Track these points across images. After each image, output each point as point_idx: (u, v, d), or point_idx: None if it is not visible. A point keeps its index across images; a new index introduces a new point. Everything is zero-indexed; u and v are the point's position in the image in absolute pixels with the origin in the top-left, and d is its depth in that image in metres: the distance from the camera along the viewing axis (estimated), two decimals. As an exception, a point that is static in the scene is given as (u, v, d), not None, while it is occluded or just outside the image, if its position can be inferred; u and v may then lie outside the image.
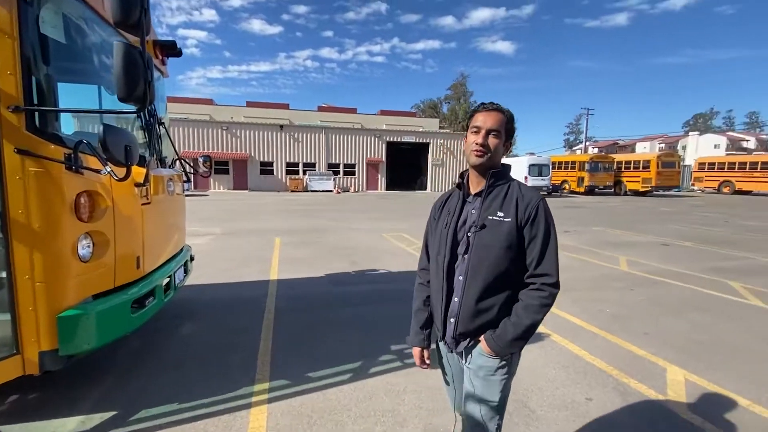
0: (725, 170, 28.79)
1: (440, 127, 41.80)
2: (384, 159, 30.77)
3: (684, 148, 65.39)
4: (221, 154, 26.88)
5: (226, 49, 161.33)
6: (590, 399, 2.63)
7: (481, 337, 1.41)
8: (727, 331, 3.81)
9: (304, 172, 28.77)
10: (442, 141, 31.76)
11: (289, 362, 3.08)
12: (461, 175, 1.51)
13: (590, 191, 26.38)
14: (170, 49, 3.20)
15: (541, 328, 3.80)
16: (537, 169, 23.31)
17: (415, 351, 1.61)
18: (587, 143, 52.40)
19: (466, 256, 1.41)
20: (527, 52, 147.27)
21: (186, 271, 3.52)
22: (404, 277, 5.59)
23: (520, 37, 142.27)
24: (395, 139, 30.97)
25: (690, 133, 73.30)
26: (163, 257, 3.05)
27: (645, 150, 70.64)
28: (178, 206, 3.54)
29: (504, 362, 1.41)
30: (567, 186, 27.30)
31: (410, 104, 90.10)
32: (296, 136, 28.90)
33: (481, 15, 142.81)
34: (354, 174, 30.25)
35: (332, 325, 3.83)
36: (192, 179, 20.15)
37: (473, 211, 1.43)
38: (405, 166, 36.34)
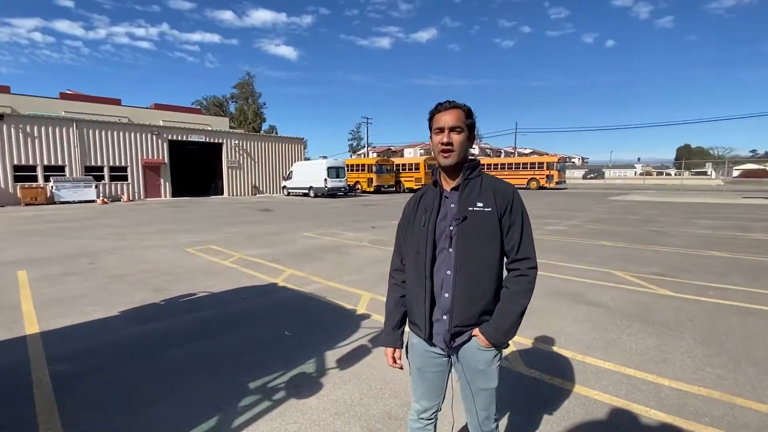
0: (466, 170, 37.90)
1: (231, 127, 39.00)
2: (167, 161, 26.35)
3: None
4: None
5: None
6: (459, 381, 2.83)
7: (476, 331, 1.43)
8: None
9: (47, 178, 21.66)
10: (237, 142, 29.60)
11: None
12: (434, 172, 1.52)
13: (378, 190, 29.84)
14: None
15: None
16: (335, 172, 24.66)
17: (388, 351, 1.58)
18: (368, 148, 59.28)
19: (450, 250, 1.42)
20: (310, 60, 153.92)
21: None
22: (236, 297, 4.83)
23: (303, 44, 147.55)
24: (180, 138, 26.96)
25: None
26: None
27: (411, 154, 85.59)
28: None
29: (498, 351, 1.48)
30: (360, 186, 30.05)
31: (189, 100, 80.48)
32: (28, 129, 21.39)
33: (262, 16, 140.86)
34: (126, 179, 24.72)
35: (155, 379, 2.89)
36: None
37: (452, 205, 1.45)
38: (195, 169, 32.27)
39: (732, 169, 47.01)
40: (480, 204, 1.41)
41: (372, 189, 29.20)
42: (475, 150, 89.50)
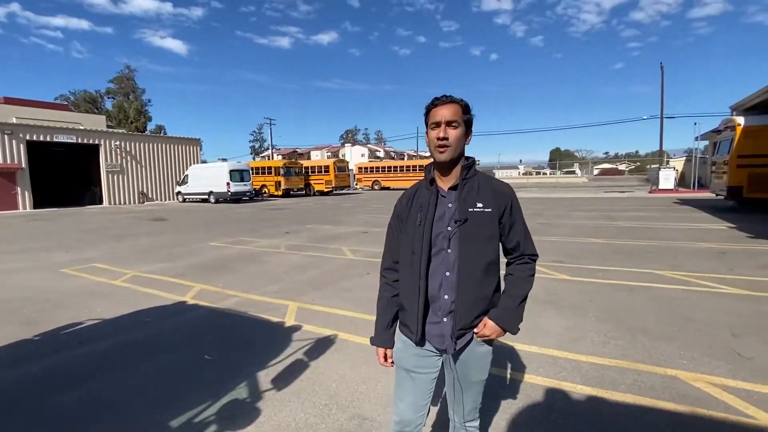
0: (374, 173, 38.68)
1: (108, 126, 34.02)
2: (25, 165, 21.87)
3: (343, 155, 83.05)
4: None
5: None
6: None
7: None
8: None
9: None
10: (118, 143, 25.82)
11: None
12: (428, 170, 1.49)
13: (286, 194, 28.79)
14: None
15: (326, 330, 3.73)
16: (238, 175, 23.11)
17: (379, 351, 1.55)
18: (272, 151, 56.90)
19: (449, 251, 1.39)
20: (202, 55, 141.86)
21: None
22: (135, 321, 4.13)
23: (194, 39, 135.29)
24: (42, 138, 22.62)
25: (345, 145, 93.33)
26: None
27: (318, 157, 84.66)
28: None
29: (491, 344, 1.49)
30: (266, 190, 28.63)
31: (51, 94, 68.26)
32: None
33: (142, 4, 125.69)
34: (-37, 189, 19.92)
35: (40, 435, 2.30)
36: None
37: (450, 205, 1.42)
38: (64, 175, 27.41)
39: (593, 168, 56.03)
40: (480, 204, 1.39)
41: (280, 192, 28.04)
42: (380, 153, 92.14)
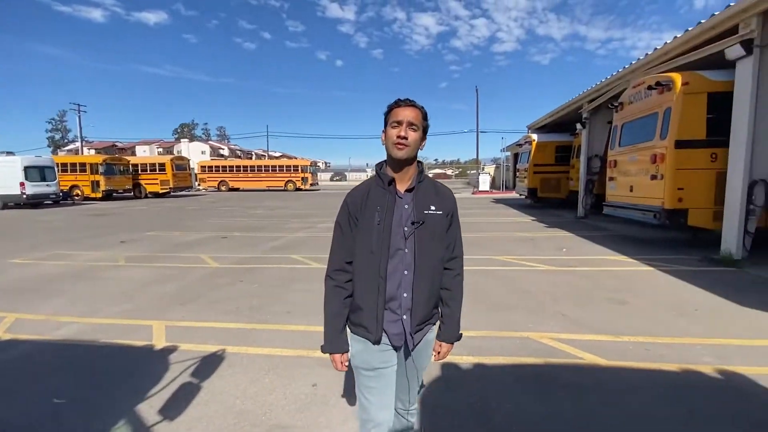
0: (221, 173, 35.58)
1: None
2: None
3: (179, 152, 73.41)
4: None
5: None
6: (315, 385, 2.77)
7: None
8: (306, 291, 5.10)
9: None
10: None
11: None
12: (380, 168, 1.53)
13: (108, 196, 23.97)
14: None
15: (210, 347, 3.37)
16: (38, 173, 18.11)
17: (336, 357, 1.51)
18: (82, 144, 46.29)
19: (406, 250, 1.44)
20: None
21: None
22: None
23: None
24: None
25: (181, 140, 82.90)
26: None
27: (145, 153, 72.77)
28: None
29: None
30: (79, 192, 23.26)
31: None
32: None
33: None
34: None
35: None
36: None
37: (406, 206, 1.47)
38: None
39: (429, 171, 63.77)
40: (433, 207, 1.48)
41: (100, 195, 23.13)
42: (224, 151, 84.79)
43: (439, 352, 1.61)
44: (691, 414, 2.36)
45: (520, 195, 18.21)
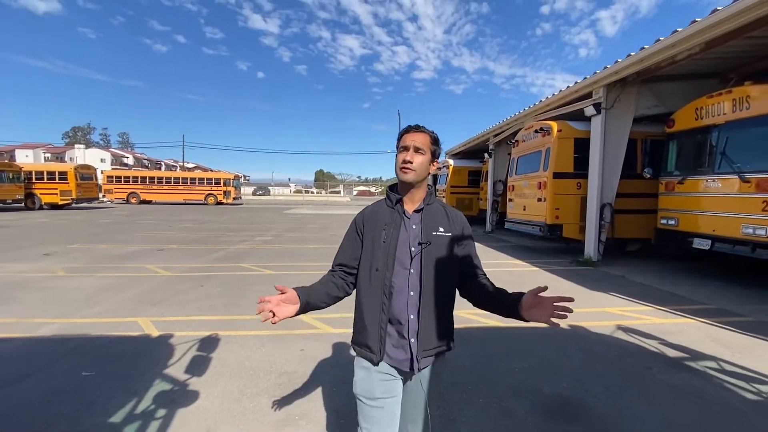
0: (131, 184, 32.98)
1: None
2: None
3: (72, 159, 65.25)
4: None
5: None
6: (302, 350, 3.67)
7: (443, 366, 1.56)
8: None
9: None
10: None
11: None
12: (390, 191, 1.58)
13: (-8, 207, 21.10)
14: None
15: (203, 333, 4.06)
16: None
17: (274, 298, 1.37)
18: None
19: (412, 270, 1.44)
20: None
21: None
22: None
23: None
24: None
25: (76, 146, 73.92)
26: None
27: (28, 159, 63.58)
28: None
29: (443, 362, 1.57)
30: (-47, 201, 20.12)
31: None
32: None
33: None
34: None
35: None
36: None
37: (414, 227, 1.49)
38: None
39: (353, 189, 65.40)
40: (441, 229, 1.49)
41: (-19, 205, 20.27)
42: (128, 159, 77.28)
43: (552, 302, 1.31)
44: (546, 339, 3.78)
45: (439, 212, 20.35)
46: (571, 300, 1.30)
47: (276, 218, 20.13)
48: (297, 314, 1.44)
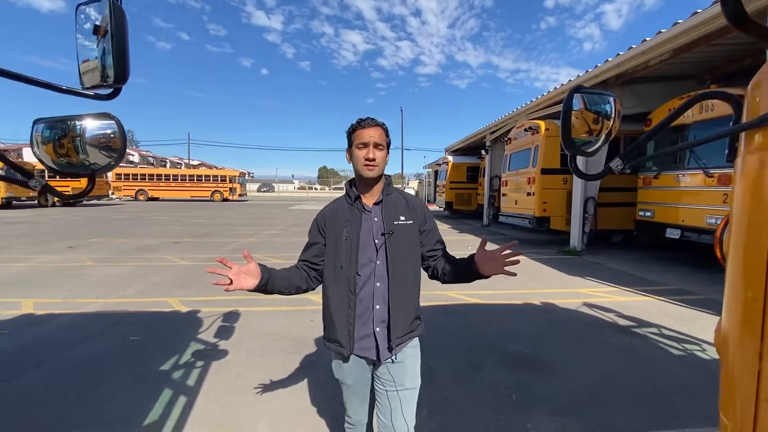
0: (139, 181, 33.78)
1: None
2: None
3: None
4: None
5: None
6: (312, 320, 4.33)
7: (416, 350, 1.56)
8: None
9: None
10: None
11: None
12: (349, 187, 1.61)
13: (8, 204, 21.93)
14: None
15: (226, 309, 4.73)
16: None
17: (235, 267, 1.42)
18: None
19: (378, 262, 1.47)
20: None
21: None
22: (-7, 334, 3.85)
23: None
24: None
25: (82, 144, 74.78)
26: None
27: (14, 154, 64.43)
28: None
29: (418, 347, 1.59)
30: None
31: None
32: None
33: None
34: None
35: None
36: None
37: (375, 219, 1.52)
38: None
39: (355, 185, 66.12)
40: (402, 218, 1.52)
41: (-1, 203, 21.10)
42: (134, 157, 78.21)
43: (503, 254, 1.49)
44: (519, 313, 4.44)
45: (440, 207, 20.97)
46: (515, 244, 1.47)
47: (281, 214, 20.82)
48: (254, 290, 1.46)
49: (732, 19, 0.64)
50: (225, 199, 33.70)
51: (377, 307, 1.47)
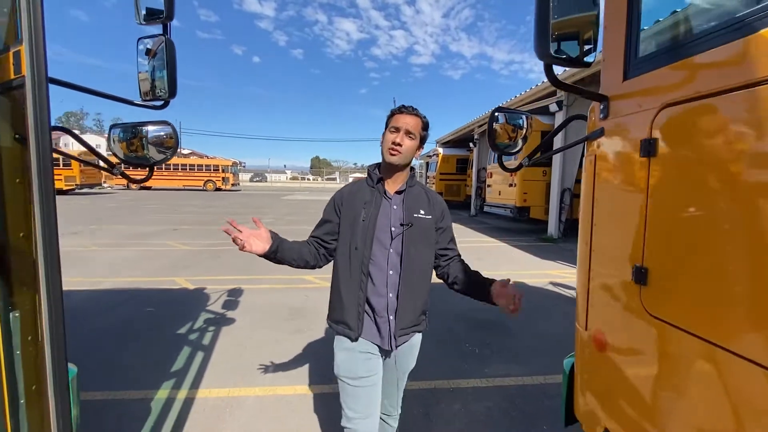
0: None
1: None
2: None
3: (66, 145, 65.42)
4: None
5: None
6: (306, 296, 4.87)
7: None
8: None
9: None
10: None
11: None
12: (372, 171, 1.56)
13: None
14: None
15: (229, 286, 5.24)
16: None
17: (246, 231, 1.50)
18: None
19: (391, 250, 1.46)
20: None
21: None
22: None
23: None
24: None
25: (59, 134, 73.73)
26: None
27: None
28: None
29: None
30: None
31: None
32: None
33: None
34: None
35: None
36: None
37: (395, 207, 1.50)
38: None
39: (349, 175, 66.45)
40: (422, 212, 1.50)
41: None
42: (124, 146, 77.24)
43: (514, 296, 1.40)
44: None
45: (429, 198, 21.56)
46: (522, 294, 1.41)
47: (274, 203, 21.22)
48: (264, 255, 1.49)
49: (553, 84, 1.19)
50: (218, 189, 33.88)
51: (390, 295, 1.46)
